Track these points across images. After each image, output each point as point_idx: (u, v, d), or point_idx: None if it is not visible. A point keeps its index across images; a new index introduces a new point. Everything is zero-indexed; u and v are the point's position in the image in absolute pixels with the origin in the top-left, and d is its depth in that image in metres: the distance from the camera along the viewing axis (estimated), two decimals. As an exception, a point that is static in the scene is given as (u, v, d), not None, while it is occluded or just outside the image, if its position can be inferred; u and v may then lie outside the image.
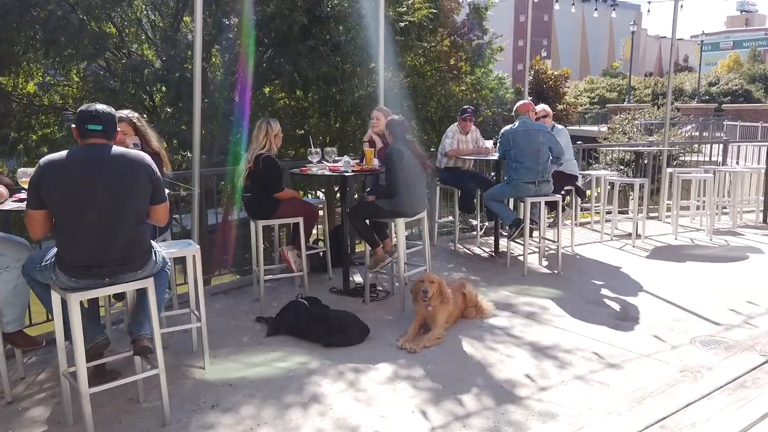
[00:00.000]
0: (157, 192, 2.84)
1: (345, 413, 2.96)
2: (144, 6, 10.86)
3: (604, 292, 4.94)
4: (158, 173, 2.85)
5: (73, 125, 2.73)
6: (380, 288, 4.98)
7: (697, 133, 20.93)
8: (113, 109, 2.81)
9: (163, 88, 9.32)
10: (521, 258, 5.60)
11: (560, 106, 21.41)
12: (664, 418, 2.81)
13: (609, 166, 13.92)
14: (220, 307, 4.65)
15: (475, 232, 6.77)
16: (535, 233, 6.20)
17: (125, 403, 3.07)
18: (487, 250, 6.41)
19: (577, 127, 29.11)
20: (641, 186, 6.70)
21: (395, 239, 4.63)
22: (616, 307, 4.55)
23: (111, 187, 2.65)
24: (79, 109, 2.73)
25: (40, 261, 2.79)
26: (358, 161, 4.97)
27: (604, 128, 24.21)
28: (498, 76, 18.58)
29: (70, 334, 2.66)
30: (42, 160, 2.64)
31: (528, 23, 8.03)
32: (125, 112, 3.80)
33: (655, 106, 24.50)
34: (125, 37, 10.41)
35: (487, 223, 6.61)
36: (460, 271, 5.68)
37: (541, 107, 6.26)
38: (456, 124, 6.37)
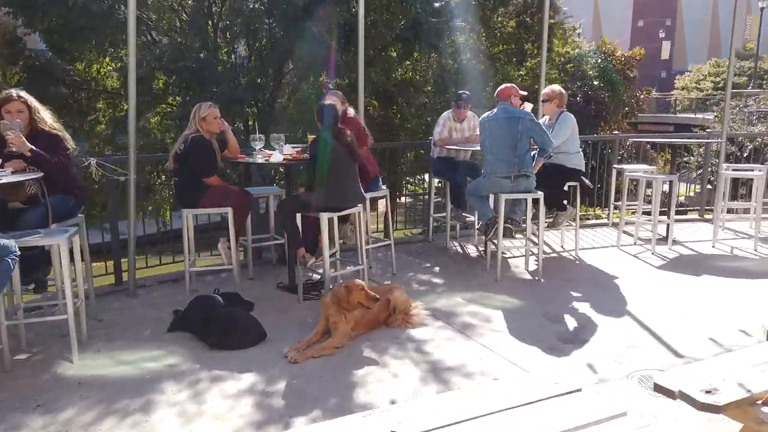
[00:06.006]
0: None
1: (158, 428, 2.69)
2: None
3: (575, 305, 4.26)
4: None
5: None
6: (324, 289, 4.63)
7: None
8: None
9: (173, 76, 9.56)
10: (512, 261, 5.00)
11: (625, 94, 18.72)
12: None
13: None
14: (156, 296, 4.53)
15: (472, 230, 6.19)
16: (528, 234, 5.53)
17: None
18: (482, 248, 5.84)
19: (682, 115, 26.54)
20: (670, 184, 5.77)
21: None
22: (573, 324, 3.90)
23: None
24: None
25: None
26: (299, 150, 4.63)
27: (709, 116, 21.73)
28: (582, 52, 17.26)
29: None
30: None
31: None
32: (14, 91, 3.69)
33: (780, 92, 21.52)
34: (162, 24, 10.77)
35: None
36: (431, 272, 5.18)
37: (547, 90, 5.49)
38: (450, 111, 5.81)
